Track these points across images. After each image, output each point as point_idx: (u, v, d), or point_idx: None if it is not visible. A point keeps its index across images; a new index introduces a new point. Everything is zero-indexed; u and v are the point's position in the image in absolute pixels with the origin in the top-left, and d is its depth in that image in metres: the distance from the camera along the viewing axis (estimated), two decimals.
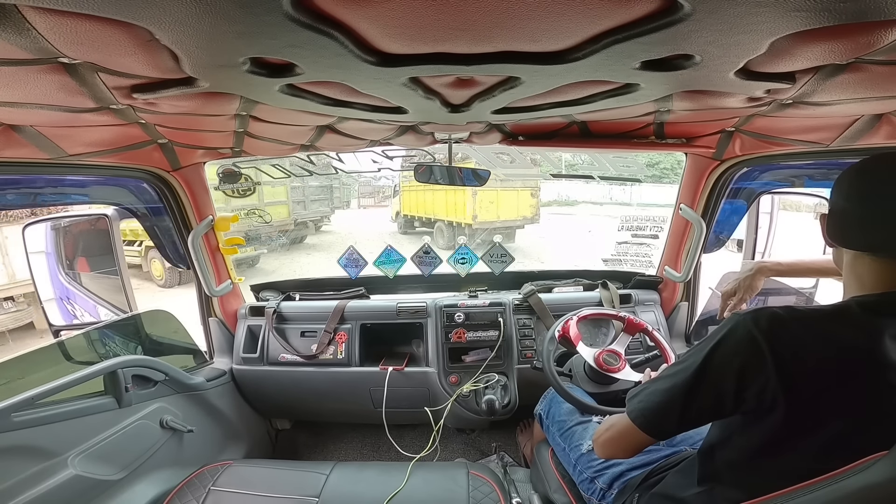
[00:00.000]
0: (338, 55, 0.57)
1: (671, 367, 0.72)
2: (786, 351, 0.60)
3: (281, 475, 1.26)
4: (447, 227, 8.37)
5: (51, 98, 0.71)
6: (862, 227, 0.64)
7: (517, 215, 7.98)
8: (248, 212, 5.79)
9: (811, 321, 0.62)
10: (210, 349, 1.78)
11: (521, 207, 8.06)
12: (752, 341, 0.61)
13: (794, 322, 0.62)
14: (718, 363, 0.64)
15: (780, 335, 0.61)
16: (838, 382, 0.59)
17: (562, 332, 1.28)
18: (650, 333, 1.40)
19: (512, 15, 0.48)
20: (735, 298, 1.21)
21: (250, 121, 1.03)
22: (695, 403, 0.67)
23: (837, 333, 0.60)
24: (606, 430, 0.82)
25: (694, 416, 0.68)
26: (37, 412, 1.08)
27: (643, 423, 0.72)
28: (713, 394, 0.65)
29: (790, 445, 0.62)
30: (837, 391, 0.59)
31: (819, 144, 1.16)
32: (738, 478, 0.70)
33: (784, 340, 0.60)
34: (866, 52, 0.57)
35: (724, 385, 0.63)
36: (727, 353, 0.64)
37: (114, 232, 1.80)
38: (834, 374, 0.59)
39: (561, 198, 17.66)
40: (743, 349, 0.62)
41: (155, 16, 0.46)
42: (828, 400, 0.59)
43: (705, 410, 0.67)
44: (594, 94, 0.85)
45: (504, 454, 1.85)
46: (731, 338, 0.64)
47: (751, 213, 1.87)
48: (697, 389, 0.66)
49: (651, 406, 0.71)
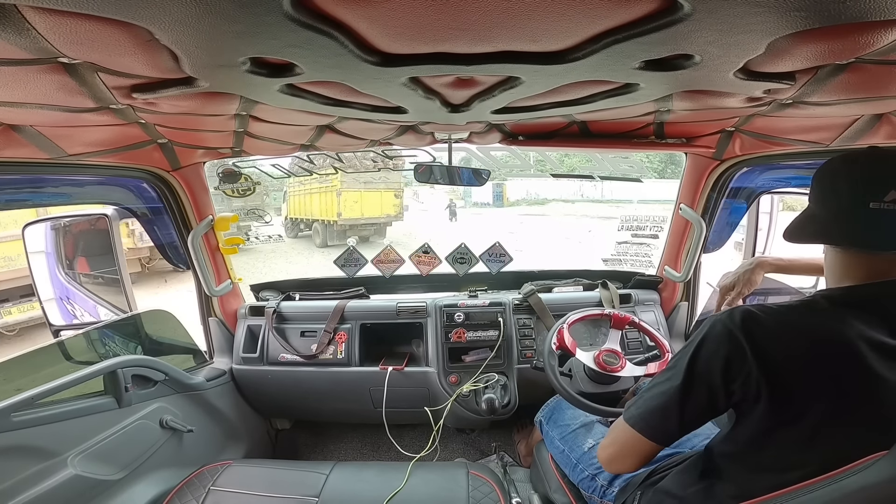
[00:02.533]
0: (338, 55, 0.57)
1: (662, 374, 0.74)
2: (762, 343, 0.63)
3: (281, 475, 1.26)
4: (322, 226, 9.11)
5: (51, 98, 0.71)
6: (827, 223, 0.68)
7: (381, 213, 8.92)
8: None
9: (782, 315, 0.66)
10: (210, 349, 1.78)
11: (385, 206, 9.00)
12: (729, 336, 0.65)
13: (765, 317, 0.65)
14: (704, 361, 0.67)
15: (753, 329, 0.64)
16: (812, 372, 0.61)
17: (558, 344, 1.28)
18: (638, 325, 1.41)
19: (512, 15, 0.48)
20: (734, 292, 1.19)
21: (250, 121, 1.03)
22: (690, 403, 0.69)
23: (807, 325, 0.64)
24: (610, 444, 0.81)
25: (693, 416, 0.70)
26: (37, 412, 1.08)
27: (645, 427, 0.73)
28: (705, 391, 0.67)
29: (776, 436, 0.64)
30: (813, 380, 0.61)
31: (819, 144, 1.16)
32: (732, 473, 0.72)
33: (758, 334, 0.64)
34: (866, 52, 0.57)
35: (712, 381, 0.66)
36: (710, 351, 0.67)
37: (114, 232, 1.79)
38: (808, 364, 0.61)
39: (530, 196, 17.51)
40: (723, 345, 0.65)
41: (155, 16, 0.46)
42: (805, 389, 0.61)
43: (702, 409, 0.69)
44: (594, 94, 0.85)
45: (504, 454, 1.85)
46: (710, 336, 0.67)
47: (751, 213, 1.87)
48: (690, 389, 0.68)
49: (650, 410, 0.73)
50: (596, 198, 16.42)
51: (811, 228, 0.70)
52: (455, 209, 13.36)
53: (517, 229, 11.20)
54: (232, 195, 1.69)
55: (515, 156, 1.61)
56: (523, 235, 9.99)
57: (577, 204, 15.99)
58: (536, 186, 17.12)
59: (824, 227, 0.68)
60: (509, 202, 16.72)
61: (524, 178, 15.63)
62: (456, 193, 16.00)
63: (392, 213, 9.22)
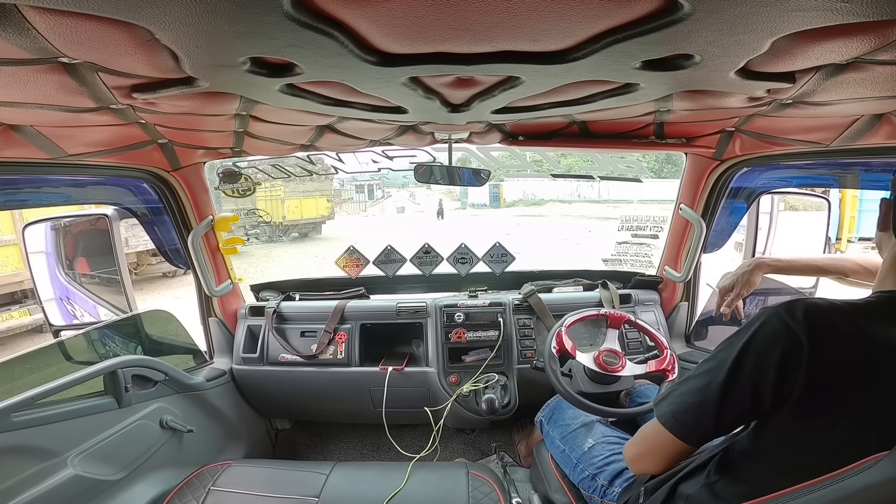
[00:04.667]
0: (338, 55, 0.57)
1: (702, 366, 0.67)
2: (824, 344, 0.57)
3: (281, 475, 1.26)
4: (268, 226, 11.31)
5: (51, 98, 0.71)
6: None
7: (317, 214, 11.34)
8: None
9: (849, 317, 0.59)
10: (210, 349, 1.78)
11: (320, 209, 11.34)
12: (789, 332, 0.58)
13: (832, 315, 0.59)
14: (754, 358, 0.61)
15: (817, 327, 0.57)
16: (865, 379, 0.56)
17: (558, 349, 1.28)
18: (634, 323, 1.41)
19: (512, 15, 0.48)
20: (732, 293, 1.18)
21: (250, 121, 1.03)
22: (732, 402, 0.63)
23: (873, 329, 0.57)
24: (637, 441, 0.77)
25: (732, 416, 0.64)
26: (37, 412, 1.08)
27: (676, 426, 0.68)
28: (750, 390, 0.61)
29: (805, 441, 0.60)
30: (861, 387, 0.56)
31: (819, 144, 1.16)
32: (749, 473, 0.67)
33: (823, 332, 0.57)
34: (866, 52, 0.57)
35: (762, 380, 0.60)
36: (763, 347, 0.60)
37: (114, 232, 1.79)
38: (866, 373, 0.56)
39: (527, 197, 17.61)
40: (781, 341, 0.58)
41: (155, 16, 0.46)
42: (851, 396, 0.57)
43: (743, 409, 0.63)
44: (594, 94, 0.85)
45: (504, 454, 1.85)
46: (765, 330, 0.60)
47: (751, 214, 1.87)
48: (733, 386, 0.62)
49: (684, 408, 0.67)
50: (593, 198, 16.44)
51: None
52: (443, 209, 15.20)
53: (514, 230, 11.29)
54: (232, 195, 1.70)
55: (514, 156, 1.62)
56: (520, 237, 10.04)
57: (575, 204, 16.02)
58: (533, 187, 17.15)
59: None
60: (506, 203, 16.82)
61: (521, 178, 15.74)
62: (453, 194, 16.31)
63: (325, 213, 11.61)
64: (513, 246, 1.92)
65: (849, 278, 1.09)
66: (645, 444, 0.75)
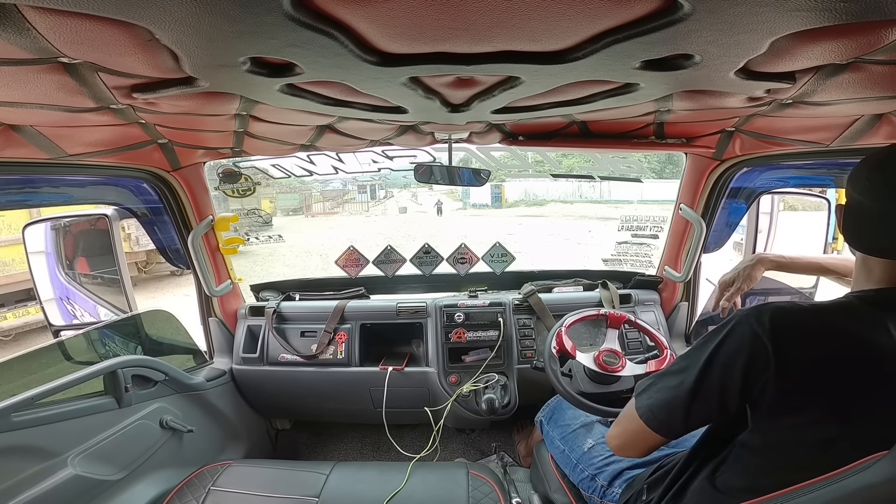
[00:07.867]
0: (338, 55, 0.57)
1: (678, 363, 0.71)
2: (789, 346, 0.59)
3: (281, 475, 1.26)
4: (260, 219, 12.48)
5: (51, 98, 0.71)
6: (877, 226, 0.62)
7: (269, 212, 12.71)
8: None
9: (815, 314, 0.61)
10: (210, 349, 1.78)
11: (267, 208, 12.73)
12: (754, 338, 0.60)
13: (798, 314, 0.61)
14: (723, 362, 0.63)
15: (783, 330, 0.60)
16: (842, 375, 0.58)
17: (558, 349, 1.28)
18: (634, 323, 1.40)
19: (512, 15, 0.48)
20: (733, 288, 1.18)
21: (250, 121, 1.03)
22: (699, 402, 0.66)
23: (842, 327, 0.60)
24: (619, 433, 0.80)
25: (700, 415, 0.68)
26: (37, 412, 1.08)
27: (652, 420, 0.71)
28: (717, 392, 0.64)
29: (794, 440, 0.62)
30: (840, 384, 0.58)
31: (819, 144, 1.16)
32: (747, 466, 0.69)
33: (788, 335, 0.59)
34: (866, 52, 0.57)
35: (729, 383, 0.63)
36: (731, 353, 0.63)
37: (114, 232, 1.79)
38: (837, 367, 0.58)
39: (529, 197, 17.72)
40: (746, 348, 0.61)
41: (155, 16, 0.46)
42: (830, 392, 0.58)
43: (711, 409, 0.67)
44: (594, 94, 0.85)
45: (504, 454, 1.85)
46: (733, 336, 0.63)
47: (751, 214, 1.87)
48: (701, 388, 0.65)
49: (658, 403, 0.71)
50: (594, 198, 16.48)
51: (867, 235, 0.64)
52: (441, 207, 16.14)
53: (516, 230, 11.32)
54: (232, 195, 1.70)
55: (515, 156, 1.62)
56: (522, 237, 10.06)
57: (576, 205, 16.06)
58: (535, 187, 17.20)
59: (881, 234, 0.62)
60: (508, 203, 16.90)
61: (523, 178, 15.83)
62: (454, 195, 16.49)
63: (270, 212, 13.28)
64: (515, 246, 1.92)
65: (849, 278, 1.09)
66: (625, 435, 0.78)
